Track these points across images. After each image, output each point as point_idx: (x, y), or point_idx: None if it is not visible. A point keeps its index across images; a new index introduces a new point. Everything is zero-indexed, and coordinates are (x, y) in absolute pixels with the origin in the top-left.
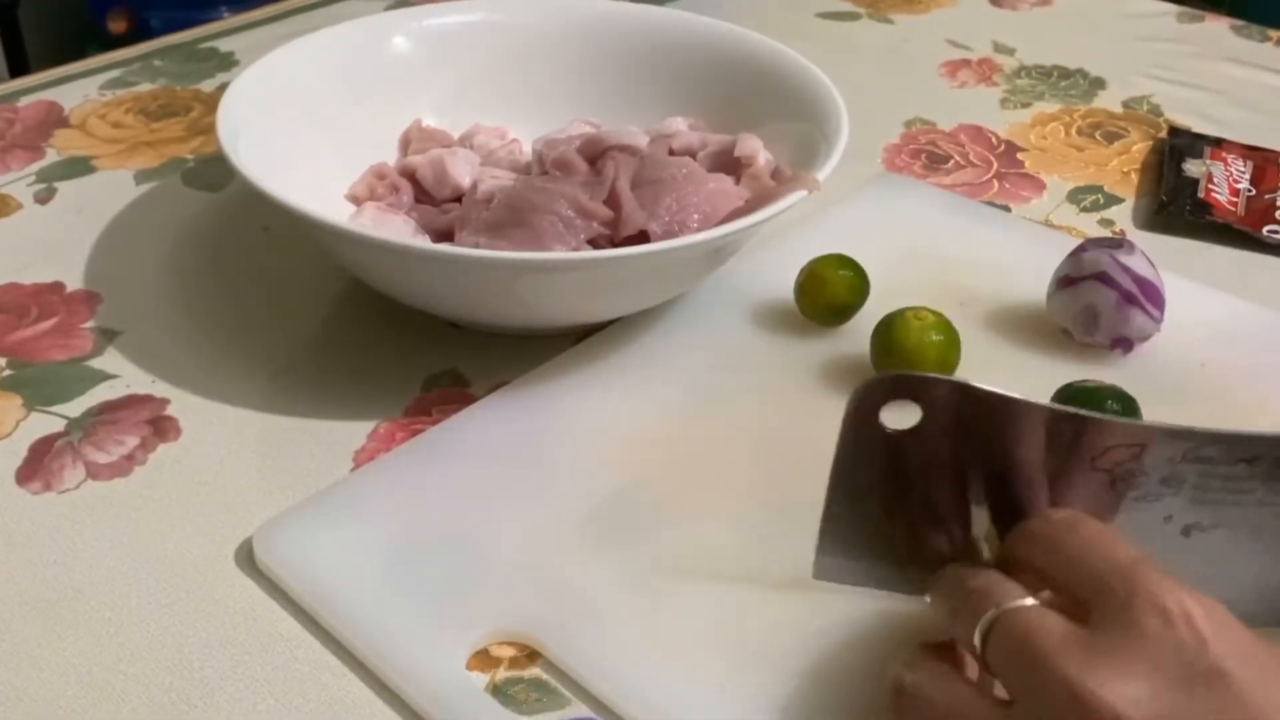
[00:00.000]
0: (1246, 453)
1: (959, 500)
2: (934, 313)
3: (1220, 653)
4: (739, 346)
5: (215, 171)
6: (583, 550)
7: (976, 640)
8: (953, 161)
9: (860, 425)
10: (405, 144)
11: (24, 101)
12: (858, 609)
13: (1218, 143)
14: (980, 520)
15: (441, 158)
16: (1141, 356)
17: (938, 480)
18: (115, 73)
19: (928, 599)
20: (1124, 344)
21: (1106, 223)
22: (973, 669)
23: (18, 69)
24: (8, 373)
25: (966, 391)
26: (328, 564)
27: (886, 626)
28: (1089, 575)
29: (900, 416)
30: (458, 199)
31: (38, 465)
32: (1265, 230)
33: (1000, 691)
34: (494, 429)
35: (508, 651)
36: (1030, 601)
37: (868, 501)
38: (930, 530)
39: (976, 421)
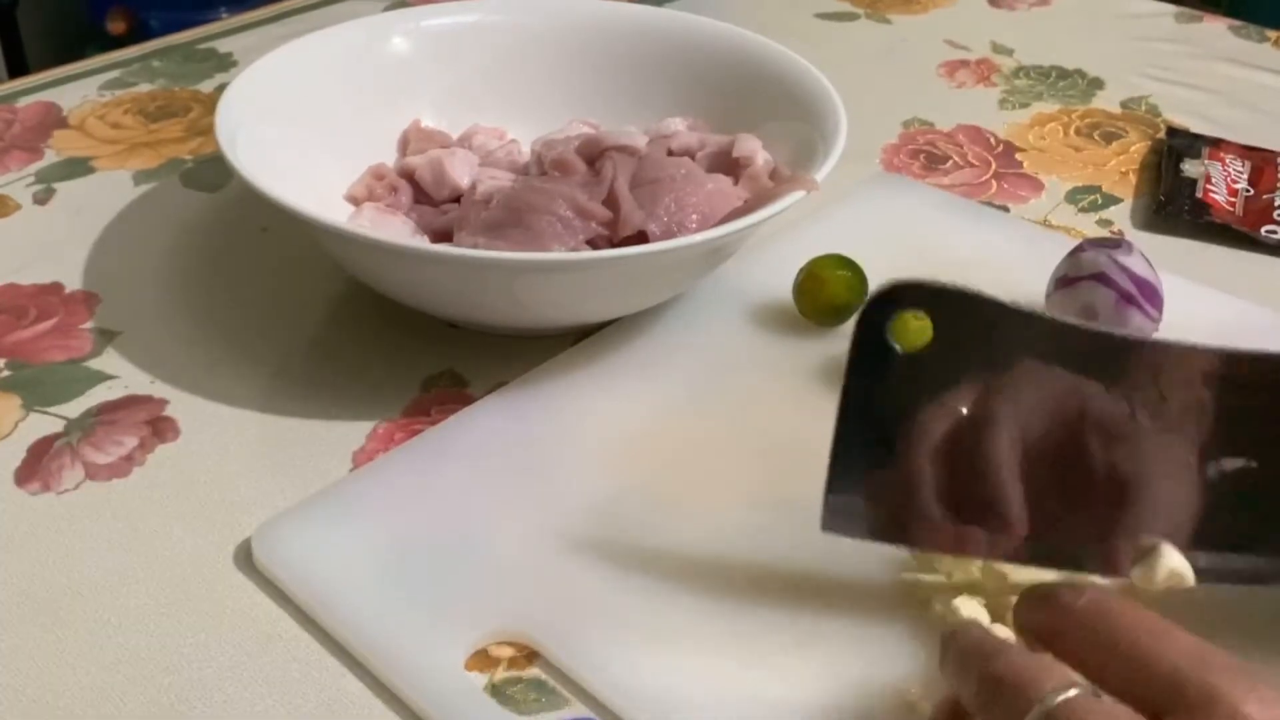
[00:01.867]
0: (1268, 373)
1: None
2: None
3: None
4: (737, 347)
5: (214, 172)
6: (581, 550)
7: None
8: (951, 162)
9: (869, 344)
10: (404, 144)
11: (23, 102)
12: (858, 610)
13: (1216, 143)
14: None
15: (440, 158)
16: None
17: (951, 409)
18: (114, 73)
19: (936, 610)
20: None
21: (1105, 223)
22: None
23: (16, 70)
24: (6, 373)
25: (978, 302)
26: (327, 564)
27: (887, 627)
28: (1153, 672)
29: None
30: (456, 199)
31: (36, 466)
32: (1263, 230)
33: None
34: (493, 429)
35: (506, 651)
36: (1076, 692)
37: (879, 436)
38: (945, 474)
39: (991, 339)
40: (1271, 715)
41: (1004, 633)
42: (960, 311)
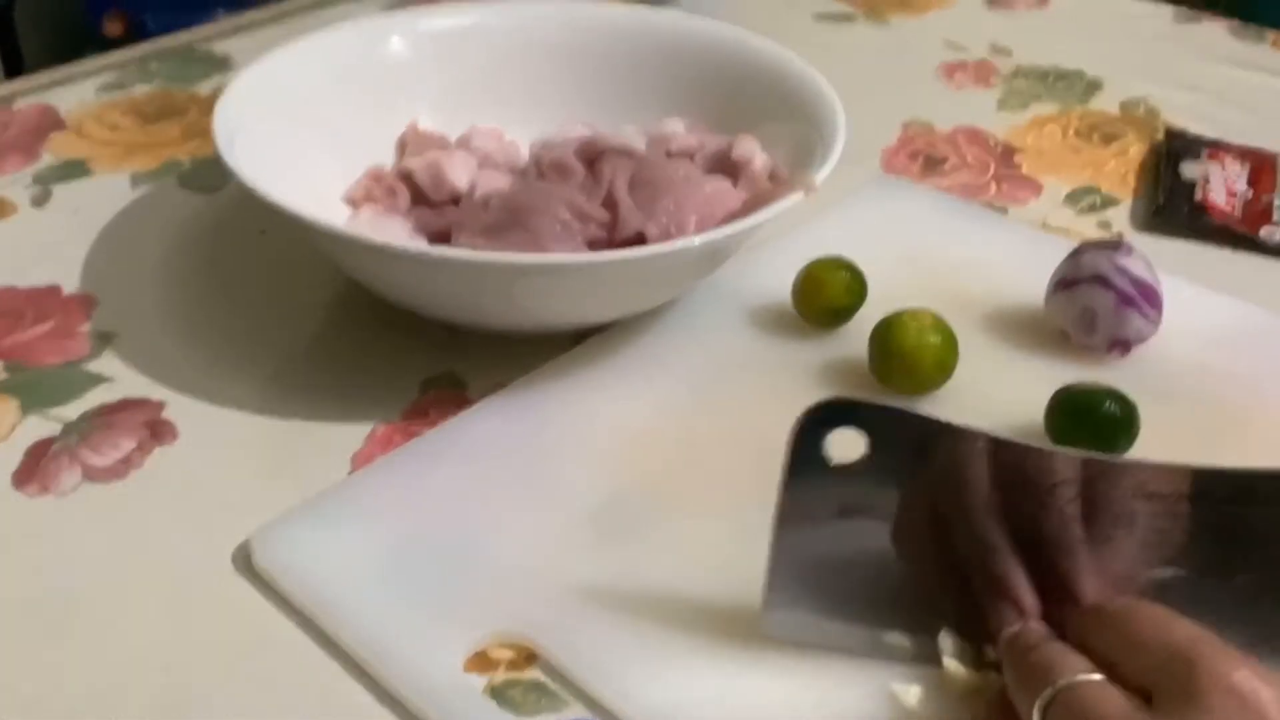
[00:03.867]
0: (1183, 487)
1: (916, 542)
2: (932, 315)
3: None
4: (736, 349)
5: (211, 174)
6: (580, 552)
7: (1036, 716)
8: (950, 163)
9: (804, 458)
10: (402, 146)
11: (19, 104)
12: None
13: (1215, 144)
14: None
15: (439, 160)
16: (1139, 358)
17: (890, 519)
18: (111, 75)
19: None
20: (1122, 346)
21: (1104, 225)
22: None
23: (13, 71)
24: (4, 376)
25: (905, 418)
26: (325, 567)
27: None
28: (1150, 656)
29: (846, 447)
30: (455, 201)
31: (34, 468)
32: (1262, 232)
33: None
34: (492, 431)
35: (506, 653)
36: (1094, 677)
37: (817, 545)
38: (885, 579)
39: (925, 453)
40: (1254, 686)
41: None
42: (893, 427)
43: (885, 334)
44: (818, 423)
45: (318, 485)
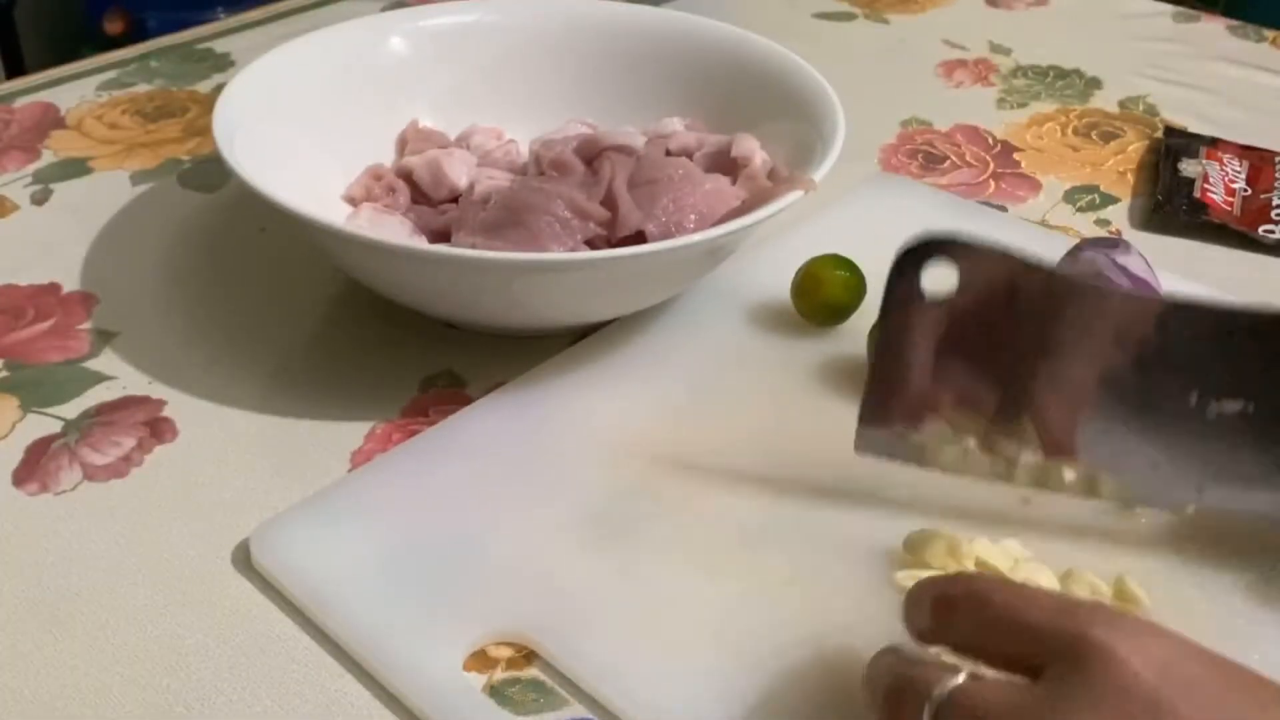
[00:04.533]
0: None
1: (994, 373)
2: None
3: (1159, 684)
4: (736, 347)
5: (211, 172)
6: (580, 551)
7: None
8: (949, 161)
9: (901, 287)
10: (402, 145)
11: (20, 102)
12: (857, 608)
13: (1213, 142)
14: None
15: (438, 158)
16: None
17: (975, 350)
18: (111, 74)
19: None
20: None
21: (1103, 222)
22: None
23: (14, 70)
24: (4, 374)
25: (1001, 257)
26: (325, 565)
27: (885, 627)
28: (1027, 633)
29: (941, 280)
30: (454, 200)
31: (34, 467)
32: (1261, 230)
33: None
34: (491, 430)
35: (505, 652)
36: (962, 678)
37: (910, 368)
38: (967, 403)
39: (1011, 290)
40: (1111, 636)
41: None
42: (984, 264)
43: None
44: (916, 255)
45: (317, 483)
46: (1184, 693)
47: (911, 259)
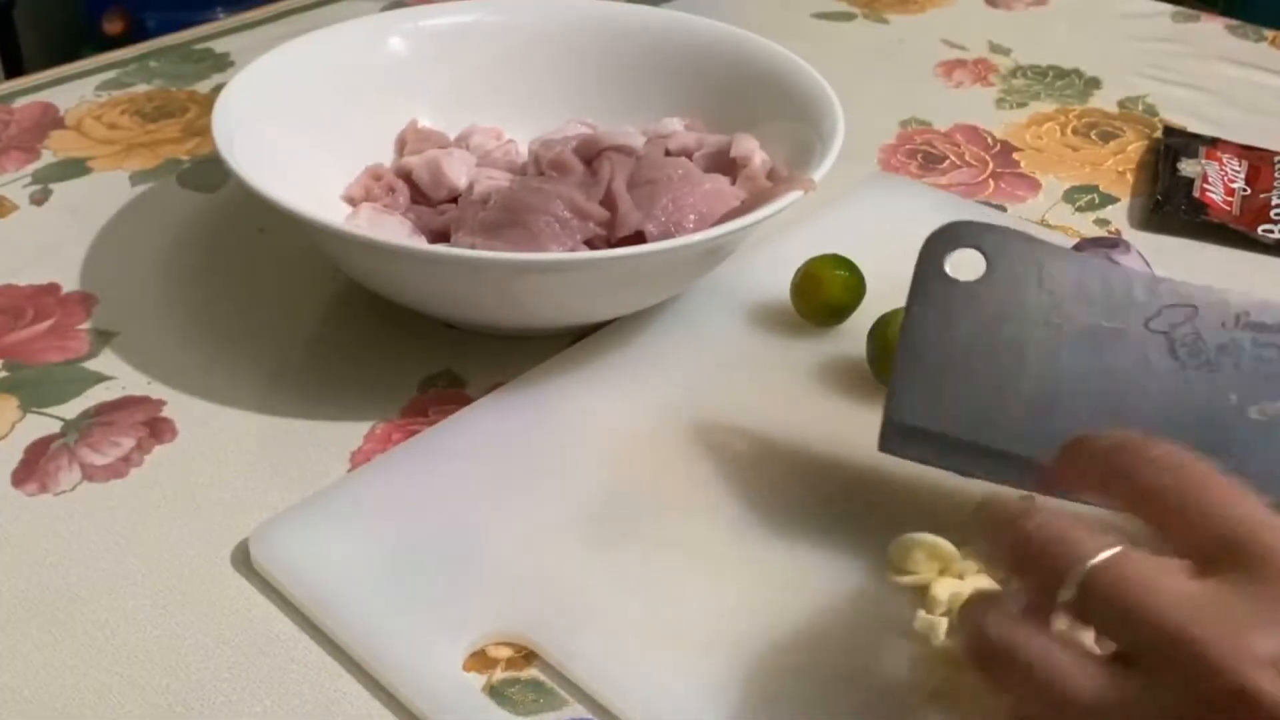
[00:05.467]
0: None
1: (1022, 363)
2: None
3: None
4: (735, 347)
5: (211, 172)
6: (579, 551)
7: (1068, 593)
8: (948, 161)
9: (928, 274)
10: (401, 145)
11: (19, 103)
12: (855, 608)
13: (1213, 142)
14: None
15: (437, 158)
16: None
17: (1003, 339)
18: (111, 74)
19: (979, 523)
20: None
21: (1102, 222)
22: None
23: (13, 70)
24: (3, 374)
25: (1023, 239)
26: (324, 565)
27: (883, 627)
28: (1216, 529)
29: (966, 268)
30: (454, 200)
31: (33, 467)
32: (1260, 230)
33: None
34: (490, 430)
35: (504, 652)
36: (1120, 548)
37: (938, 363)
38: (998, 397)
39: (1040, 275)
40: None
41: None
42: (1012, 249)
43: (884, 331)
44: (944, 239)
45: (316, 483)
46: None
47: (938, 245)
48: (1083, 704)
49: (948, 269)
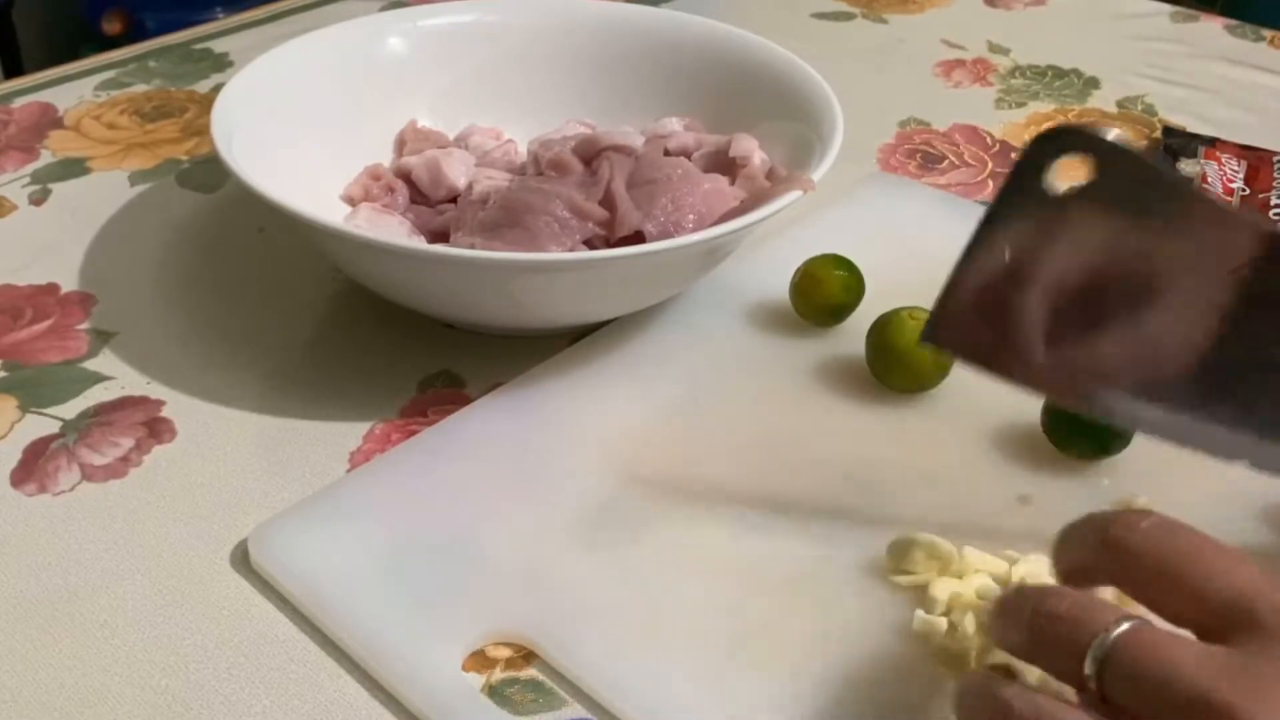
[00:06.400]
0: None
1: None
2: (929, 312)
3: None
4: (734, 347)
5: (210, 172)
6: (579, 551)
7: (1089, 670)
8: (947, 161)
9: (1023, 180)
10: (400, 145)
11: (18, 103)
12: (855, 608)
13: (1212, 142)
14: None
15: (437, 158)
16: None
17: (1090, 258)
18: (110, 74)
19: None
20: None
21: None
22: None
23: (12, 70)
24: (3, 374)
25: (1130, 159)
26: (323, 565)
27: (885, 626)
28: (1222, 599)
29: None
30: (453, 200)
31: (32, 467)
32: None
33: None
34: (490, 430)
35: (504, 652)
36: (1133, 623)
37: (1006, 266)
38: (1059, 318)
39: (1137, 196)
40: None
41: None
42: (1112, 165)
43: (883, 332)
44: (1047, 145)
45: (316, 484)
46: None
47: (1041, 150)
48: None
49: (1047, 176)
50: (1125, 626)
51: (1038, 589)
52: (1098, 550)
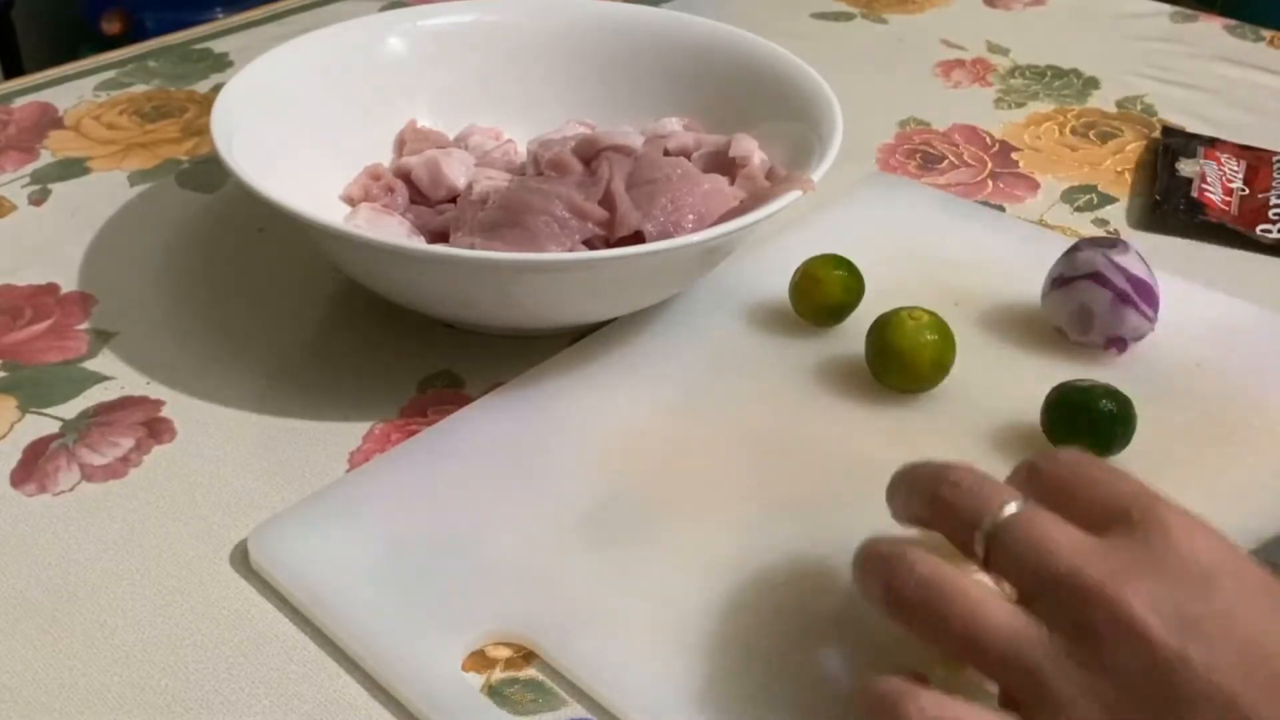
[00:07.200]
0: None
1: None
2: (929, 313)
3: (1213, 563)
4: (734, 347)
5: (210, 172)
6: (578, 551)
7: (979, 545)
8: (947, 161)
9: None
10: (400, 145)
11: (18, 103)
12: (854, 607)
13: (1211, 142)
14: None
15: (436, 158)
16: (1136, 356)
17: None
18: (110, 74)
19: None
20: (1118, 343)
21: (1100, 222)
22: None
23: (12, 70)
24: (2, 375)
25: None
26: (323, 565)
27: (882, 626)
28: (1104, 501)
29: None
30: (453, 200)
31: (32, 467)
32: (1258, 229)
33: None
34: (489, 430)
35: (503, 652)
36: (1019, 505)
37: None
38: None
39: None
40: (1174, 517)
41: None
42: None
43: (882, 332)
44: None
45: (315, 484)
46: (1231, 575)
47: None
48: (994, 635)
49: None
50: (1014, 507)
51: (941, 465)
52: (1027, 474)
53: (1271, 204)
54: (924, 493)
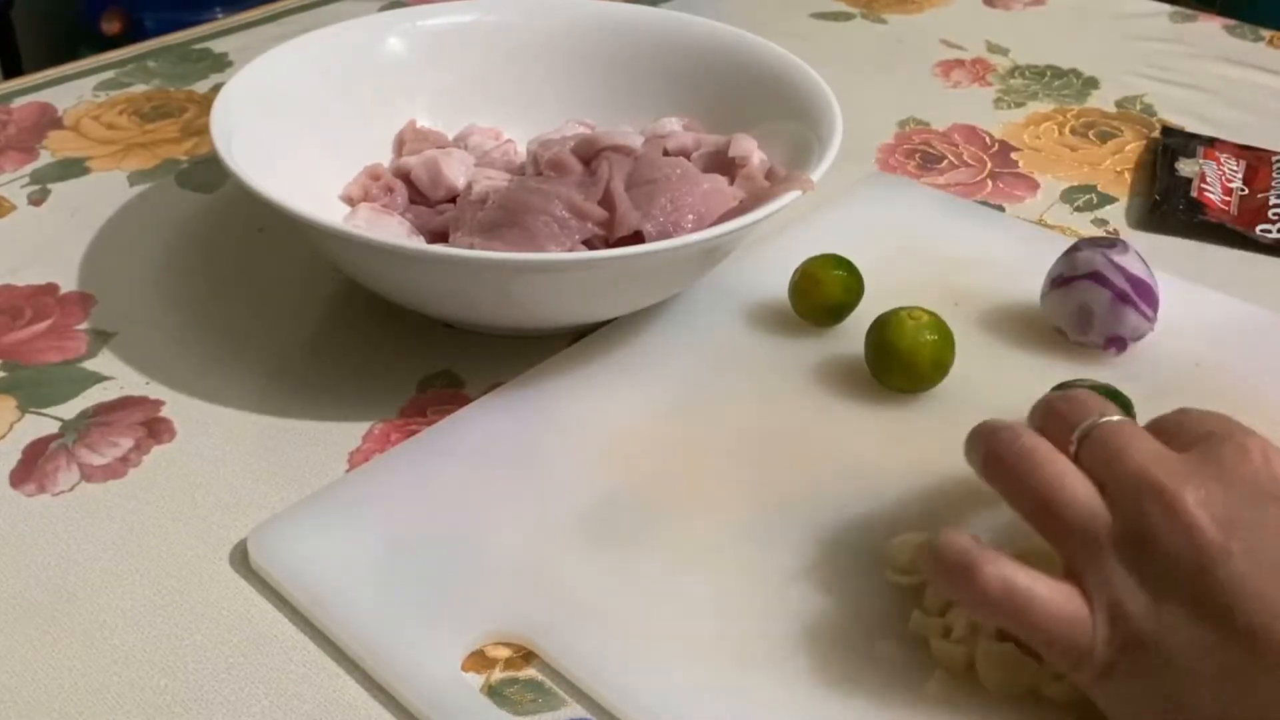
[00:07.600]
0: None
1: None
2: (928, 312)
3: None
4: (733, 347)
5: (209, 172)
6: (578, 550)
7: (1074, 440)
8: (947, 161)
9: None
10: (400, 145)
11: (18, 103)
12: (854, 608)
13: (1210, 142)
14: None
15: (436, 158)
16: (1135, 356)
17: None
18: (109, 74)
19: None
20: (1118, 343)
21: (1100, 222)
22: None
23: (11, 70)
24: (2, 375)
25: None
26: (323, 565)
27: (881, 627)
28: (1194, 425)
29: None
30: (452, 200)
31: (32, 467)
32: (1258, 229)
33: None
34: (489, 430)
35: (503, 652)
36: (1116, 416)
37: None
38: None
39: None
40: (1265, 451)
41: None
42: None
43: (882, 332)
44: None
45: (315, 484)
46: None
47: None
48: (1069, 504)
49: None
50: (1110, 418)
51: (1054, 396)
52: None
53: (1271, 204)
54: (1043, 405)
